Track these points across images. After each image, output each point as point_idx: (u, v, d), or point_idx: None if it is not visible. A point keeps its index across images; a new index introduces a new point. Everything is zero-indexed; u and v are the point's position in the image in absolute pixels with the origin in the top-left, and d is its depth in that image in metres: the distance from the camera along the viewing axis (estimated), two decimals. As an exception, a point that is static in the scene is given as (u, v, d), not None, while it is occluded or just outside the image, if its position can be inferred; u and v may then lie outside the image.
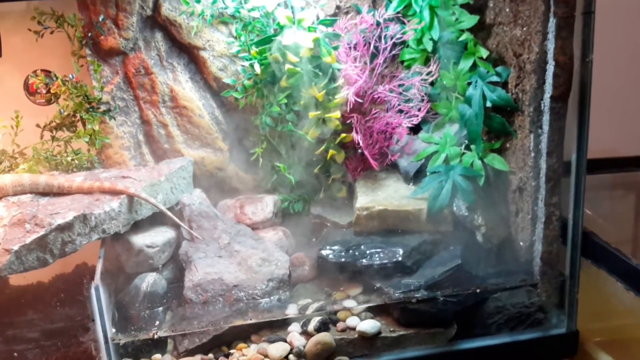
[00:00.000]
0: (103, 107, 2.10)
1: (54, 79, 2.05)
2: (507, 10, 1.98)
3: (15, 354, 1.84)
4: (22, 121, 2.04)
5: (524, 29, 1.91)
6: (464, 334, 1.93)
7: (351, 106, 2.08)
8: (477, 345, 1.93)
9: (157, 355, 1.80)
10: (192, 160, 2.18)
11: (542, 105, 1.88)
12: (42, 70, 2.11)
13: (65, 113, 2.05)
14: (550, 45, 1.82)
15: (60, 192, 1.91)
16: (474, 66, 2.07)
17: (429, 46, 2.14)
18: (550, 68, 1.83)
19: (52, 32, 2.03)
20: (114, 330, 1.76)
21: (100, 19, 2.05)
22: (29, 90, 2.16)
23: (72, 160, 2.07)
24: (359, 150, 2.17)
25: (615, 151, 2.68)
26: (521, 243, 2.02)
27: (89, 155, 2.10)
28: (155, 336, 1.78)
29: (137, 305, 1.88)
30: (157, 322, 1.85)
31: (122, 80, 2.14)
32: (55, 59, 2.14)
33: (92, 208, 1.82)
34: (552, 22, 1.80)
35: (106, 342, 1.69)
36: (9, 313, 1.99)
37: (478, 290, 1.93)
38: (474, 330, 1.94)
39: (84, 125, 2.09)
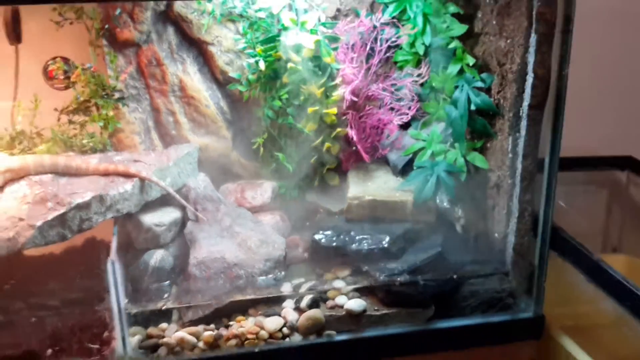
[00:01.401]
0: (117, 95, 2.16)
1: (72, 66, 2.11)
2: (494, 22, 2.00)
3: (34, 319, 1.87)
4: (39, 103, 2.09)
5: (508, 41, 1.93)
6: (441, 315, 1.96)
7: (347, 103, 2.13)
8: (452, 325, 1.96)
9: (164, 324, 1.85)
10: (198, 146, 2.20)
11: (521, 111, 1.91)
12: (60, 57, 2.16)
13: (82, 99, 2.11)
14: (531, 58, 1.84)
15: (77, 173, 1.96)
16: (461, 71, 2.09)
17: (420, 50, 2.16)
18: (530, 79, 1.85)
19: (71, 23, 2.08)
20: (126, 301, 1.81)
21: (117, 13, 2.11)
22: (48, 76, 2.20)
23: (87, 142, 2.12)
24: (353, 144, 2.19)
25: (593, 150, 2.74)
26: (496, 235, 2.06)
27: (102, 138, 2.15)
28: (163, 307, 1.85)
29: (145, 279, 1.93)
30: (165, 295, 1.89)
31: (135, 70, 2.18)
32: (71, 47, 2.18)
33: (108, 189, 1.88)
34: (533, 38, 1.81)
35: (120, 312, 1.75)
36: (23, 282, 2.02)
37: (455, 276, 1.97)
38: (450, 311, 1.97)
39: (97, 110, 2.14)
